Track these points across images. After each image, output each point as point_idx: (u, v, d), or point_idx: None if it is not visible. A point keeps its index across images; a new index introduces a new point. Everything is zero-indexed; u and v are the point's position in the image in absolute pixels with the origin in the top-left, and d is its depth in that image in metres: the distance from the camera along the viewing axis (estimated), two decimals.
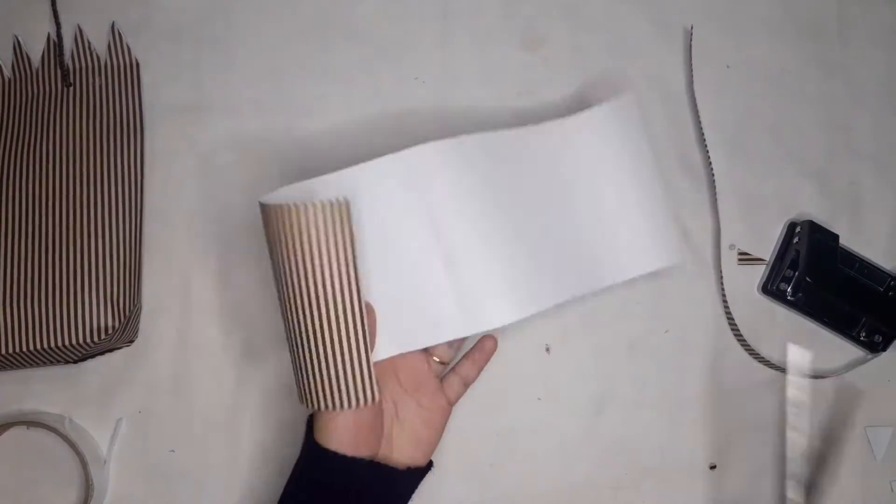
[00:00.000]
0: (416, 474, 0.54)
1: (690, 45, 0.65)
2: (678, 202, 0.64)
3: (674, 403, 0.60)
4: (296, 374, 0.51)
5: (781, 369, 0.61)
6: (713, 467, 0.60)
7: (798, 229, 0.63)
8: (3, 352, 0.57)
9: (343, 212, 0.48)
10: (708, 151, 0.64)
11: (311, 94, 0.65)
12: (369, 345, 0.50)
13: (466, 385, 0.57)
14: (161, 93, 0.65)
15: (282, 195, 0.50)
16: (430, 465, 0.55)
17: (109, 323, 0.58)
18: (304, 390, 0.50)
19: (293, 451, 0.57)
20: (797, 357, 0.61)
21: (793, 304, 0.62)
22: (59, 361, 0.60)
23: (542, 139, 0.56)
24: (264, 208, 0.49)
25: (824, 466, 0.59)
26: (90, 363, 0.61)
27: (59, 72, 0.64)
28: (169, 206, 0.63)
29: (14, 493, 0.59)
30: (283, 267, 0.49)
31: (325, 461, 0.50)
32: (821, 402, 0.61)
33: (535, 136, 0.56)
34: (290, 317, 0.50)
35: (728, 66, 0.67)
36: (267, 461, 0.60)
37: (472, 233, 0.53)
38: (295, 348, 0.50)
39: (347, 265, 0.49)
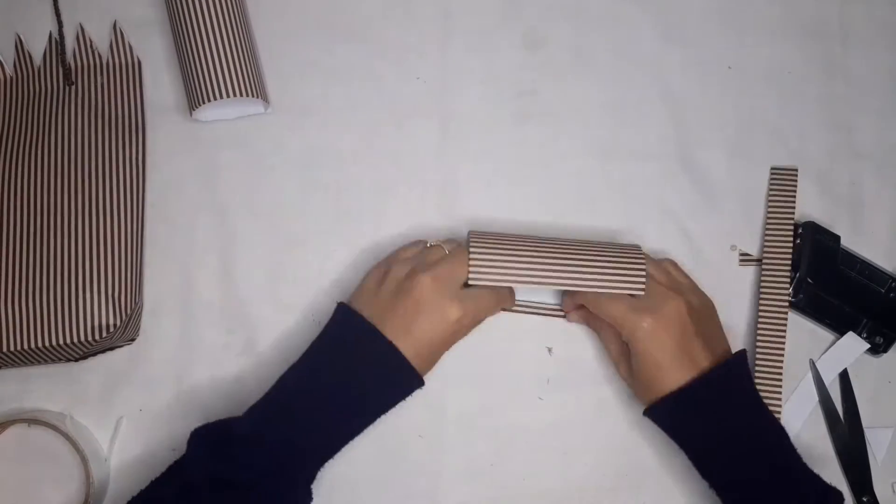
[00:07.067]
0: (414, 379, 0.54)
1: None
2: (679, 202, 0.64)
3: None
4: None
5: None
6: None
7: (799, 230, 0.63)
8: (5, 349, 0.57)
9: None
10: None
11: (312, 94, 0.65)
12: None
13: None
14: (163, 92, 0.65)
15: None
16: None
17: (111, 321, 0.58)
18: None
19: None
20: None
21: (794, 306, 0.62)
22: (60, 359, 0.60)
23: None
24: None
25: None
26: (91, 361, 0.61)
27: (60, 70, 0.64)
28: (170, 205, 0.63)
29: (15, 491, 0.59)
30: None
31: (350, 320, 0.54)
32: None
33: None
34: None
35: (730, 67, 0.66)
36: None
37: None
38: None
39: None
